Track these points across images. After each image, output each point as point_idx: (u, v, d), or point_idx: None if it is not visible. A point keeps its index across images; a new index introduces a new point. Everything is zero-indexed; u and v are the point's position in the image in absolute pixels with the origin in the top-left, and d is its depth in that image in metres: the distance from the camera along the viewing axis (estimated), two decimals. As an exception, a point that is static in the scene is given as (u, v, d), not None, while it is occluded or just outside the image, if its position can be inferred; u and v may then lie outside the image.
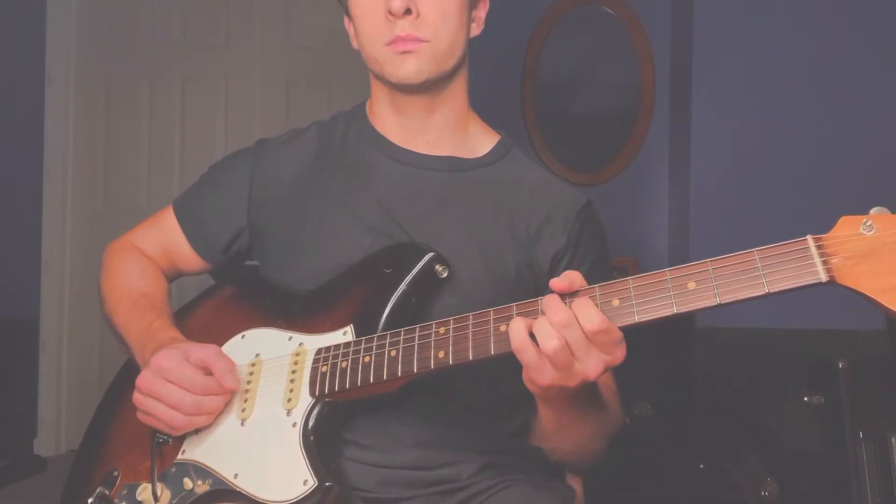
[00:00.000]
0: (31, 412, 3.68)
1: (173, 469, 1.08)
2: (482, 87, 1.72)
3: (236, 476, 1.04)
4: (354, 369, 1.02)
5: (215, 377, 1.06)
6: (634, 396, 2.44)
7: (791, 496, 2.11)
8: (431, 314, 1.09)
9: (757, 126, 2.93)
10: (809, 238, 0.83)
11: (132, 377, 1.10)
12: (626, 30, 3.40)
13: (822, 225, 0.91)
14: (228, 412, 1.09)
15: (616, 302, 0.89)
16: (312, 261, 1.17)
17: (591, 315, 0.88)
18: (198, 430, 1.09)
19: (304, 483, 0.98)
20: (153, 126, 3.84)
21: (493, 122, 1.29)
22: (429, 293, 1.10)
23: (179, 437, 1.09)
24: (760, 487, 2.09)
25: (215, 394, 1.07)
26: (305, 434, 1.02)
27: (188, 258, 1.30)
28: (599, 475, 1.27)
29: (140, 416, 1.10)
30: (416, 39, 1.11)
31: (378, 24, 1.13)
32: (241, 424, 1.07)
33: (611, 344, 0.89)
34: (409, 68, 1.12)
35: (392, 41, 1.12)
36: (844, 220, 0.83)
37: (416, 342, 0.99)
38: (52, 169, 3.75)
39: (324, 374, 1.04)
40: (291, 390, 1.06)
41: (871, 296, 0.80)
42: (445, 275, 1.10)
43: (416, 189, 1.19)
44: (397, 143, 1.22)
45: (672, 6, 3.34)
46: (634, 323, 0.88)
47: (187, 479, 1.06)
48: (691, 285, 0.86)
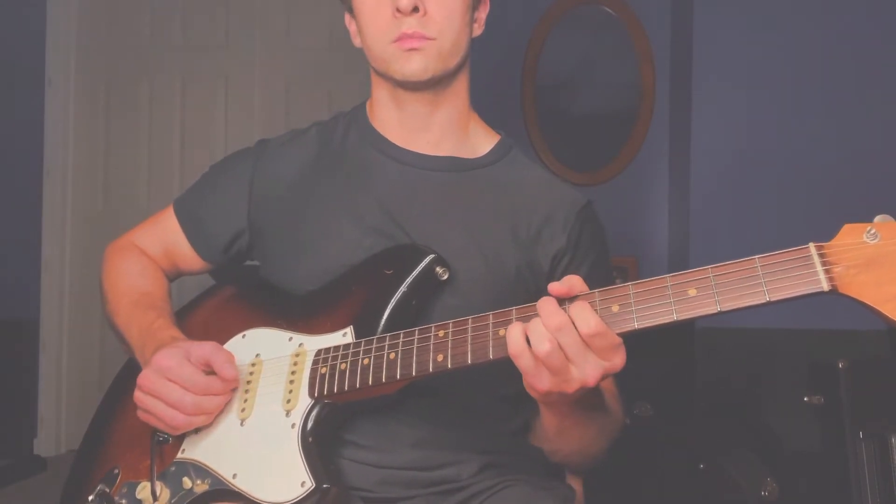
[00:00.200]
0: (31, 412, 3.67)
1: (173, 468, 1.09)
2: (482, 87, 1.72)
3: (235, 476, 1.04)
4: (353, 371, 1.02)
5: (215, 369, 1.06)
6: (634, 397, 2.44)
7: (791, 496, 2.11)
8: (431, 314, 1.09)
9: (757, 126, 2.93)
10: (812, 246, 0.82)
11: (133, 377, 1.10)
12: (626, 30, 3.40)
13: (821, 224, 0.90)
14: (228, 412, 1.09)
15: (616, 308, 0.89)
16: (313, 261, 1.17)
17: (587, 318, 0.87)
18: (198, 430, 1.09)
19: (302, 485, 0.98)
20: (153, 126, 3.83)
21: (493, 122, 1.29)
22: (429, 295, 1.10)
23: (179, 436, 1.10)
24: (760, 487, 2.09)
25: (216, 393, 1.07)
26: (304, 435, 1.02)
27: (188, 258, 1.31)
28: (599, 475, 1.26)
29: (140, 415, 1.10)
30: (422, 37, 1.12)
31: (384, 21, 1.13)
32: (241, 424, 1.08)
33: (608, 349, 0.88)
34: (416, 65, 1.13)
35: (398, 38, 1.12)
36: (847, 228, 0.82)
37: (415, 345, 0.99)
38: (52, 169, 3.75)
39: (323, 376, 1.04)
40: (291, 391, 1.06)
41: (874, 306, 0.79)
42: (446, 277, 1.10)
43: (416, 189, 1.19)
44: (397, 143, 1.22)
45: (672, 6, 3.33)
46: (634, 329, 0.88)
47: (186, 479, 1.06)
48: (692, 292, 0.85)
